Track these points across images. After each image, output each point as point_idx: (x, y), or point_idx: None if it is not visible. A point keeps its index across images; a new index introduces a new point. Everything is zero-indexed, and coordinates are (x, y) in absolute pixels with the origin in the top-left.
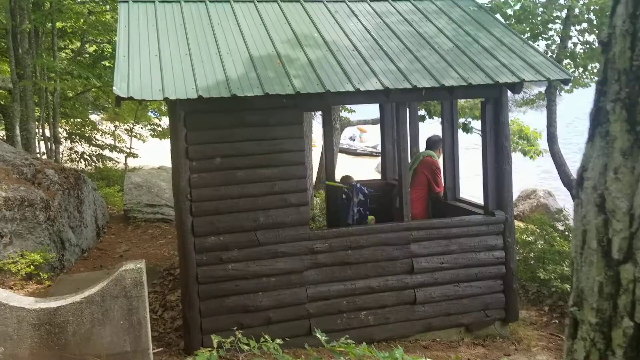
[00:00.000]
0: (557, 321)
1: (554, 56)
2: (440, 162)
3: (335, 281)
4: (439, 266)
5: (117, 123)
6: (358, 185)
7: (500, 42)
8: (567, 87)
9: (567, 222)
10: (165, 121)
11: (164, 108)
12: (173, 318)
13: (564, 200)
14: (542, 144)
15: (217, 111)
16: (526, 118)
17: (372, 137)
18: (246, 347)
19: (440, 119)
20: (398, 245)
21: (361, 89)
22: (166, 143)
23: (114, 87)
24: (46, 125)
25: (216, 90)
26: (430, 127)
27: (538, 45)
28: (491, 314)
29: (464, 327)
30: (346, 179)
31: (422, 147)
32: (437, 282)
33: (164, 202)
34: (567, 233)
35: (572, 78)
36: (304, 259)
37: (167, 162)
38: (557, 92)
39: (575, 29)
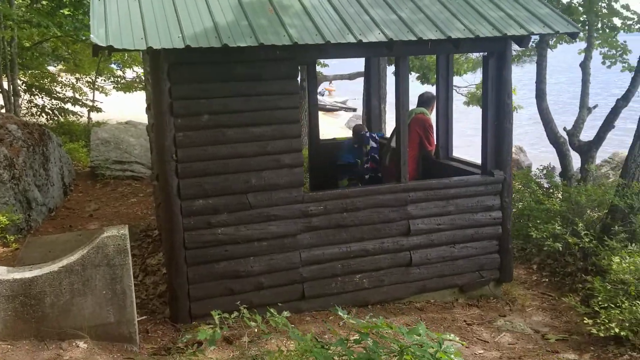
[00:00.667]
0: (547, 280)
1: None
2: (433, 119)
3: (330, 244)
4: (436, 227)
5: (77, 75)
6: (368, 133)
7: None
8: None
9: (553, 178)
10: (129, 74)
11: (128, 59)
12: (155, 283)
13: (538, 157)
14: (517, 99)
15: (204, 63)
16: None
17: (340, 92)
18: (253, 324)
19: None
20: (395, 207)
21: (363, 41)
22: (131, 96)
23: (91, 35)
24: (4, 77)
25: (205, 39)
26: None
27: None
28: (486, 275)
29: (458, 288)
30: (359, 127)
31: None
32: (434, 243)
33: (133, 159)
34: (551, 190)
35: (581, 31)
36: (298, 222)
37: (134, 117)
38: (548, 47)
39: None
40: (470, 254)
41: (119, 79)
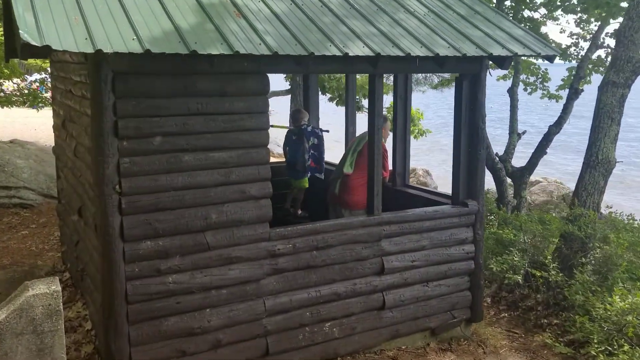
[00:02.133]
0: (506, 315)
1: None
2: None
3: (298, 289)
4: (410, 265)
5: None
6: (309, 128)
7: (474, 11)
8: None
9: (492, 206)
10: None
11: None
12: (78, 343)
13: (442, 179)
14: (424, 124)
15: (159, 74)
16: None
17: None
18: None
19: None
20: (368, 242)
21: (350, 54)
22: (17, 111)
23: (20, 31)
24: None
25: (167, 44)
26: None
27: None
28: (458, 315)
29: (430, 331)
30: (298, 115)
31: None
32: (407, 282)
33: (22, 184)
34: (490, 217)
35: (559, 54)
36: (263, 265)
37: (19, 134)
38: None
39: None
40: (443, 293)
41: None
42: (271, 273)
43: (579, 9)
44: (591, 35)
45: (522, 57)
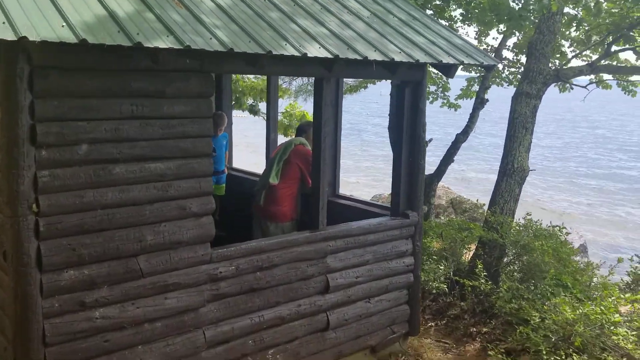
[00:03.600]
0: (432, 324)
1: None
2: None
3: (240, 315)
4: (354, 281)
5: None
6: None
7: (412, 17)
8: None
9: None
10: None
11: None
12: None
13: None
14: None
15: (86, 69)
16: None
17: None
18: None
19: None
20: (314, 259)
21: (308, 55)
22: None
23: None
24: None
25: (104, 33)
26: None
27: None
28: (397, 330)
29: (370, 349)
30: (220, 117)
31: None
32: (350, 299)
33: None
34: None
35: (498, 63)
36: (203, 291)
37: None
38: None
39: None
40: (384, 308)
41: None
42: (212, 299)
43: (486, 20)
44: (490, 47)
45: (464, 65)
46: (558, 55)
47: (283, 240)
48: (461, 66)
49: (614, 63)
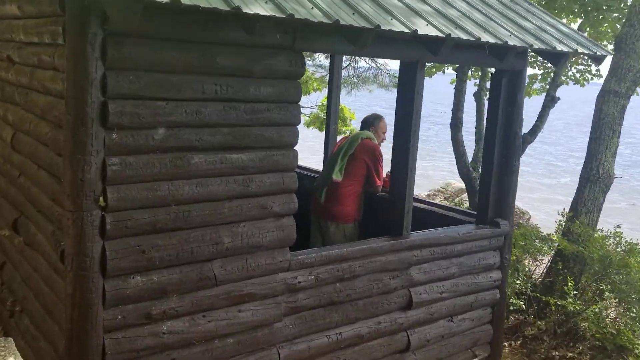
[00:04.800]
0: (506, 344)
1: None
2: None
3: (317, 332)
4: (438, 297)
5: None
6: None
7: (513, 0)
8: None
9: None
10: None
11: None
12: None
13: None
14: (355, 124)
15: (167, 38)
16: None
17: None
18: None
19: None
20: (397, 270)
21: (419, 32)
22: None
23: None
24: None
25: None
26: None
27: None
28: (479, 353)
29: None
30: None
31: None
32: (433, 318)
33: None
34: None
35: (611, 54)
36: (280, 303)
37: None
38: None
39: None
40: (466, 328)
41: None
42: (288, 313)
43: (576, 10)
44: None
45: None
46: None
47: (366, 248)
48: (581, 54)
49: None
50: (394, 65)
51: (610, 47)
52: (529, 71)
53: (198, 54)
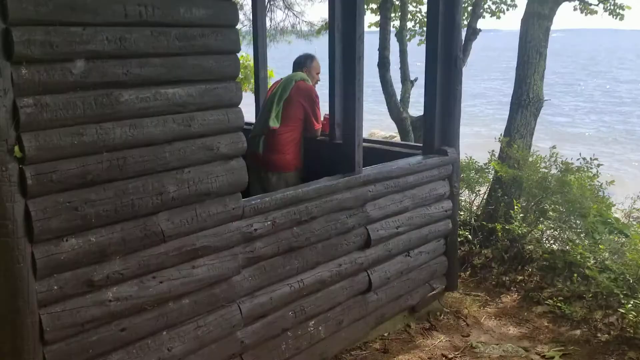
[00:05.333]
0: (460, 274)
1: None
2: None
3: (279, 281)
4: (395, 232)
5: None
6: None
7: None
8: None
9: None
10: None
11: None
12: None
13: None
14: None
15: None
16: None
17: None
18: None
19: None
20: (353, 208)
21: None
22: None
23: None
24: None
25: None
26: None
27: None
28: (436, 285)
29: (409, 309)
30: None
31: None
32: (391, 254)
33: None
34: None
35: None
36: (237, 254)
37: None
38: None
39: None
40: (423, 262)
41: None
42: (246, 264)
43: None
44: None
45: None
46: None
47: (321, 187)
48: None
49: None
50: (312, 15)
51: None
52: None
53: None
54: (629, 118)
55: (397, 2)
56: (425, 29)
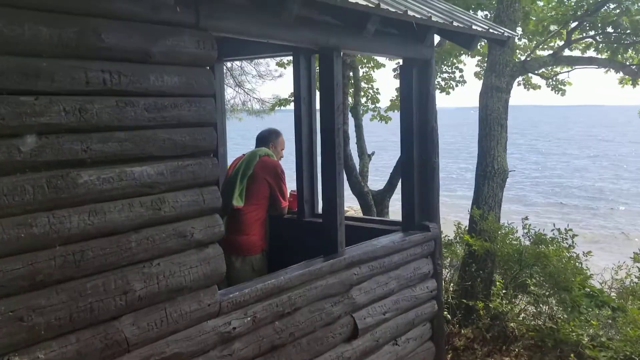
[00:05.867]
0: None
1: None
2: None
3: None
4: (382, 319)
5: None
6: None
7: None
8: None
9: None
10: None
11: None
12: None
13: None
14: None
15: (28, 8)
16: None
17: None
18: None
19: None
20: (338, 295)
21: None
22: None
23: None
24: None
25: None
26: None
27: None
28: None
29: None
30: None
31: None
32: (379, 344)
33: None
34: None
35: (518, 36)
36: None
37: None
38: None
39: None
40: (411, 349)
41: None
42: None
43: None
44: None
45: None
46: (521, 46)
47: (305, 272)
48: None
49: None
50: (263, 92)
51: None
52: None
53: (76, 30)
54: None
55: (351, 81)
56: (377, 104)
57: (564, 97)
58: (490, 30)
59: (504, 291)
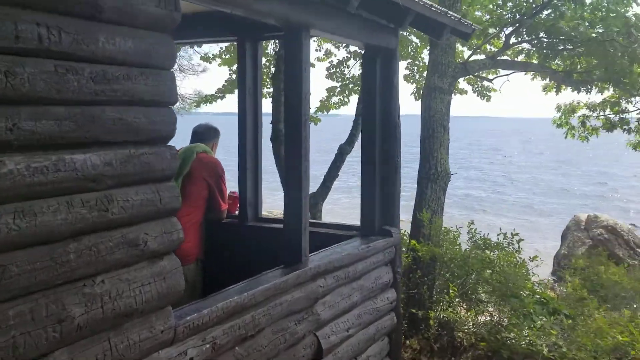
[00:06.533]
0: None
1: None
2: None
3: None
4: (345, 335)
5: None
6: None
7: None
8: None
9: None
10: None
11: None
12: None
13: None
14: None
15: None
16: None
17: None
18: None
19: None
20: (302, 311)
21: None
22: None
23: None
24: None
25: None
26: None
27: None
28: None
29: None
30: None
31: None
32: None
33: None
34: None
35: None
36: None
37: None
38: None
39: None
40: None
41: None
42: None
43: None
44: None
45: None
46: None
47: (270, 287)
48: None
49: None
50: (184, 88)
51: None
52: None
53: None
54: None
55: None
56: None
57: (522, 109)
58: (461, 21)
59: (457, 299)
